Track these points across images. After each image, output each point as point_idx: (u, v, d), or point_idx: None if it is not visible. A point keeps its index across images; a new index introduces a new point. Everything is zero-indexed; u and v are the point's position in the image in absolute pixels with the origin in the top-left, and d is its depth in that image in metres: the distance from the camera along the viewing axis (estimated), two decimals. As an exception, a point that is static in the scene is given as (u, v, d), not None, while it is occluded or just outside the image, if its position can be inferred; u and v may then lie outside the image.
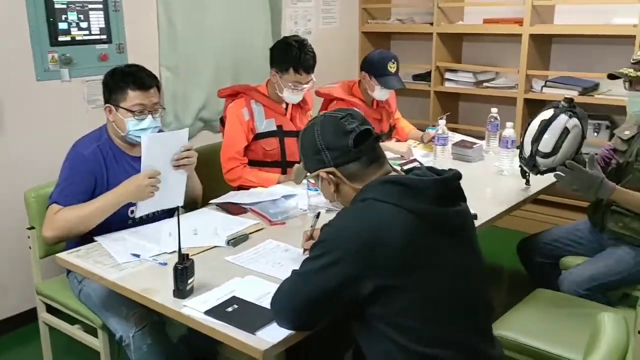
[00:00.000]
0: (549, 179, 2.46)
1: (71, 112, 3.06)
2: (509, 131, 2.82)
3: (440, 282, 1.43)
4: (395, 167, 1.62)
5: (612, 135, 3.87)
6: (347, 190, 1.56)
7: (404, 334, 1.41)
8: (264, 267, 1.88)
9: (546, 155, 2.32)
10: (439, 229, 1.44)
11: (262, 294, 1.69)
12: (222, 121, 2.95)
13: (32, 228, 2.44)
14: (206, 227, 2.18)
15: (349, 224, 1.43)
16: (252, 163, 2.86)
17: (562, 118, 2.30)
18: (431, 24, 4.31)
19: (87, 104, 3.11)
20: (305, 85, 2.79)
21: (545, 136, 2.31)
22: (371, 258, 1.37)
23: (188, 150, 2.19)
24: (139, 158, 2.11)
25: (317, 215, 1.96)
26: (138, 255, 1.96)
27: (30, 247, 2.45)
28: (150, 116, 2.19)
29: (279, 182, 2.78)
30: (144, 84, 2.17)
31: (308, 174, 1.62)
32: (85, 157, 2.18)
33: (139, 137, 2.16)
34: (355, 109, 3.04)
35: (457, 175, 1.50)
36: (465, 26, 4.34)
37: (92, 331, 2.34)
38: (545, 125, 2.32)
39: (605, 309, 2.21)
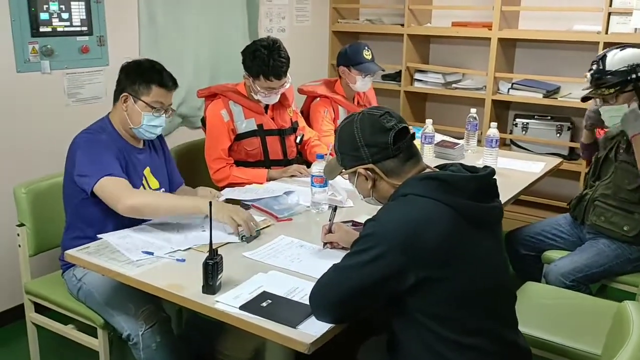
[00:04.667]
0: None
1: (51, 105, 2.96)
2: (493, 131, 2.92)
3: (475, 274, 1.49)
4: None
5: (572, 137, 4.08)
6: (384, 186, 1.60)
7: (442, 323, 1.47)
8: (284, 262, 1.89)
9: None
10: (475, 223, 1.50)
11: (290, 288, 1.70)
12: (203, 122, 2.91)
13: (21, 225, 2.35)
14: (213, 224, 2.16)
15: (394, 218, 1.47)
16: (235, 164, 2.84)
17: None
18: (402, 25, 4.41)
19: (67, 97, 3.01)
20: (278, 90, 2.75)
21: None
22: (415, 251, 1.42)
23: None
24: (142, 150, 2.28)
25: (335, 209, 1.98)
26: (151, 253, 1.93)
27: (19, 245, 2.36)
28: (164, 115, 2.22)
29: (269, 178, 2.79)
30: (168, 84, 2.21)
31: (343, 170, 1.65)
32: (104, 141, 2.15)
33: (150, 133, 2.22)
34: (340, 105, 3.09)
35: (493, 173, 1.57)
36: (436, 28, 4.45)
37: (88, 330, 2.28)
38: None
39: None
